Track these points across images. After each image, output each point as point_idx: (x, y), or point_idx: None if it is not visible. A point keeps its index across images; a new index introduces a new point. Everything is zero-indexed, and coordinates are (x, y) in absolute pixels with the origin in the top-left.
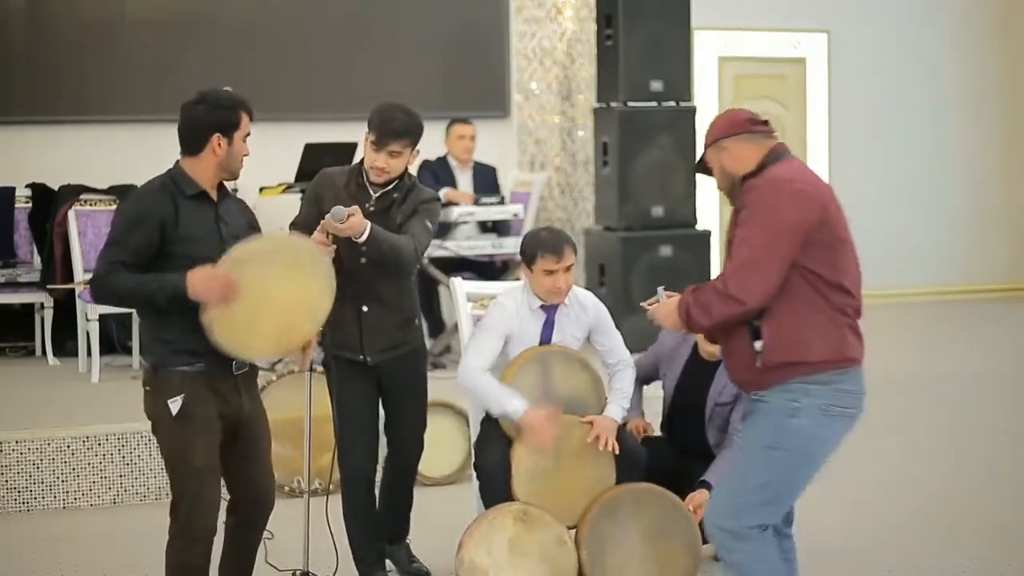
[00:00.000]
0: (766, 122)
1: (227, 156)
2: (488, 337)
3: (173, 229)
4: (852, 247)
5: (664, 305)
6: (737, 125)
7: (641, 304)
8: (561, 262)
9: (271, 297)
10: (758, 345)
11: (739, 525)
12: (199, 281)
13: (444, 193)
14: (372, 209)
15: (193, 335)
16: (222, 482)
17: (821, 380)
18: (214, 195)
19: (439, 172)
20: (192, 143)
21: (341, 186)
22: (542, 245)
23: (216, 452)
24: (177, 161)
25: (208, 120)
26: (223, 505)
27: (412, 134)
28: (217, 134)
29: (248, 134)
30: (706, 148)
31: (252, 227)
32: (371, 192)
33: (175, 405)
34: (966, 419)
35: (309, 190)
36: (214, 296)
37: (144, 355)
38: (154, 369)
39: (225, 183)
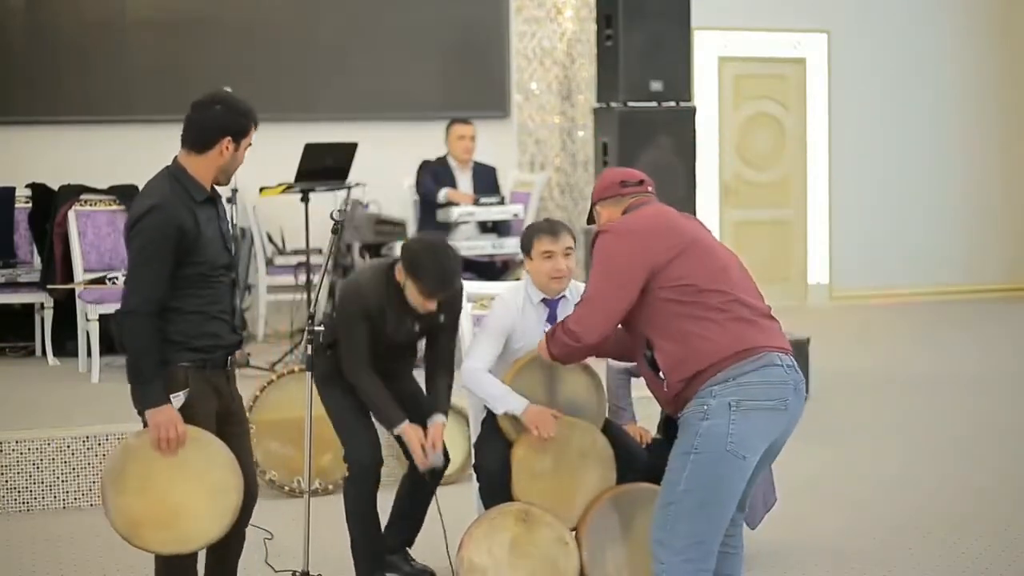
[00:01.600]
0: (641, 181)
1: (230, 161)
2: (488, 337)
3: (195, 239)
4: (706, 244)
5: (541, 339)
6: (606, 190)
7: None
8: (558, 243)
9: (172, 491)
10: (661, 375)
11: (670, 537)
12: (164, 415)
13: (444, 193)
14: (419, 328)
15: (199, 335)
16: None
17: (721, 379)
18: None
19: (439, 172)
20: (201, 141)
21: (378, 312)
22: (538, 229)
23: None
24: (175, 158)
25: (223, 122)
26: None
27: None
28: (228, 137)
29: (250, 144)
30: (591, 207)
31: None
32: (412, 310)
33: (178, 400)
34: (966, 419)
35: (352, 314)
36: (160, 433)
37: None
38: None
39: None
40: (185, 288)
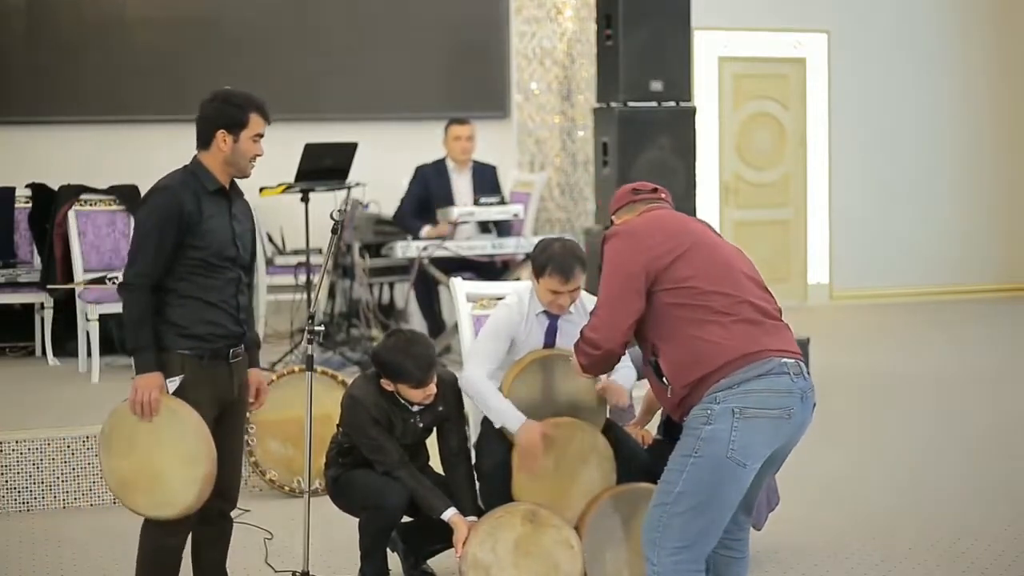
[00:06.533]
0: (655, 189)
1: (232, 153)
2: (492, 341)
3: (197, 224)
4: (711, 244)
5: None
6: (619, 200)
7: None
8: (568, 285)
9: (151, 456)
10: (665, 380)
11: (662, 537)
12: (147, 381)
13: (425, 232)
14: (422, 424)
15: (199, 322)
16: None
17: (725, 385)
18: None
19: (431, 177)
20: (202, 138)
21: (383, 418)
22: (553, 264)
23: None
24: (195, 155)
25: (215, 116)
26: None
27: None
28: (222, 130)
29: (260, 135)
30: (610, 221)
31: (254, 231)
32: (410, 408)
33: (173, 384)
34: (966, 419)
35: (364, 422)
36: (137, 396)
37: None
38: (156, 350)
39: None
40: (186, 272)
